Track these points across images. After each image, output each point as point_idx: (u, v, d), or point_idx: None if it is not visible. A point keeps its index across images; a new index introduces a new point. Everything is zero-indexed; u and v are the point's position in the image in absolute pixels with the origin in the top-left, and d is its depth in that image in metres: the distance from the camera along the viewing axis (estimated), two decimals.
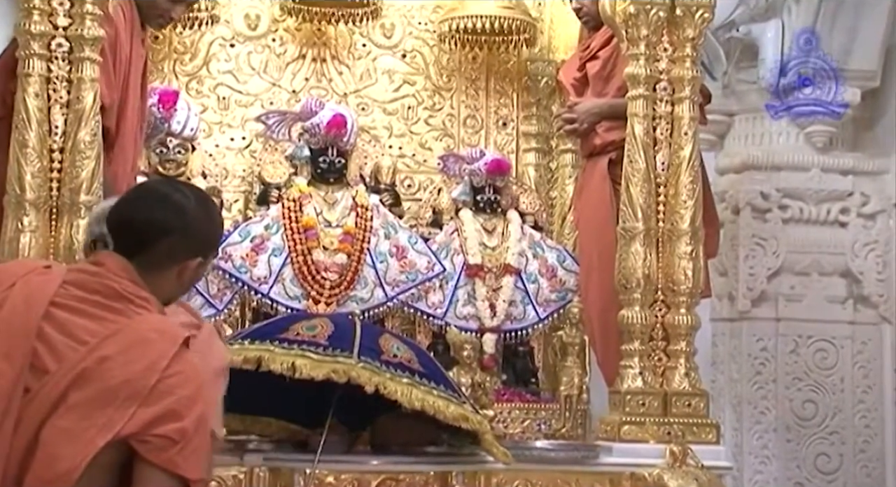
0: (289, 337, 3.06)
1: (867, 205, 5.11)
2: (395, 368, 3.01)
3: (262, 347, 3.01)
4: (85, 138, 3.45)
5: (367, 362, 2.97)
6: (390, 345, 3.10)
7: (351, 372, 2.93)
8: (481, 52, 4.76)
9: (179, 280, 2.23)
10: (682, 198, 3.87)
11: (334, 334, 3.06)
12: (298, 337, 3.05)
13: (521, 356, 4.50)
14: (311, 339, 3.04)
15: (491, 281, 4.41)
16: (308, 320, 3.19)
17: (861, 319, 5.09)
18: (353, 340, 3.05)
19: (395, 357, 3.05)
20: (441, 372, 3.17)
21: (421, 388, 2.99)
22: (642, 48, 3.88)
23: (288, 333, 3.07)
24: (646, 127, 3.88)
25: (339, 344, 3.02)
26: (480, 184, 4.47)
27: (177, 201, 2.21)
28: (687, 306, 3.85)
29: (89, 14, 3.50)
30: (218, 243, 2.39)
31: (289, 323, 3.16)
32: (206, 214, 2.26)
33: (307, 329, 3.09)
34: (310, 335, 3.06)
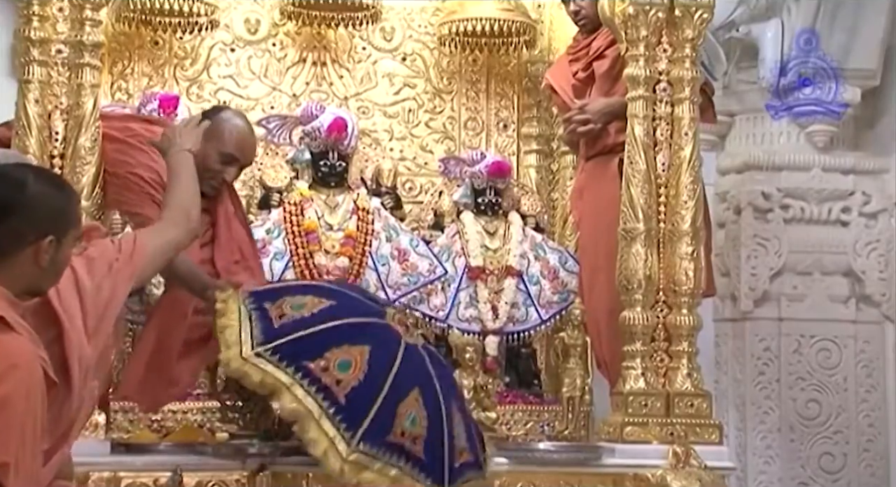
0: (315, 372, 3.01)
1: (868, 204, 5.11)
2: (392, 454, 3.02)
3: (284, 377, 3.00)
4: (85, 144, 3.46)
5: (362, 452, 2.99)
6: (407, 415, 3.06)
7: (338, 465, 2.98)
8: (481, 54, 4.76)
9: (37, 264, 2.17)
10: (682, 199, 3.86)
11: (360, 387, 3.01)
12: (325, 376, 3.01)
13: (523, 358, 4.50)
14: (333, 386, 3.00)
15: (493, 283, 4.41)
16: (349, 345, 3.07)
17: (863, 318, 5.08)
18: (372, 405, 3.02)
19: (402, 435, 3.04)
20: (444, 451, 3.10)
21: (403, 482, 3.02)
22: (641, 49, 3.88)
23: (318, 363, 3.02)
24: (646, 128, 3.88)
25: (354, 407, 3.00)
26: (481, 186, 4.47)
27: (13, 177, 2.13)
28: (689, 306, 3.85)
29: (89, 20, 3.51)
30: (72, 220, 2.25)
31: (329, 344, 3.06)
32: (49, 189, 2.18)
33: (340, 367, 3.03)
34: (337, 376, 3.02)
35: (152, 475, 3.40)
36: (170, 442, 3.71)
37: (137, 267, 2.49)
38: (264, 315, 3.15)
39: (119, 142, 3.48)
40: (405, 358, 3.14)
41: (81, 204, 3.34)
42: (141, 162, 3.42)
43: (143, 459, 3.46)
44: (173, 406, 3.95)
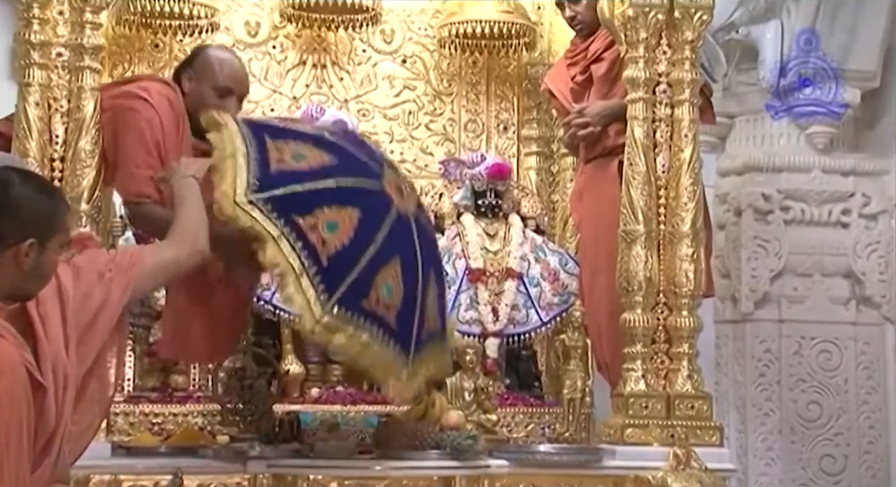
0: (303, 229, 3.02)
1: (868, 205, 5.11)
2: (366, 320, 3.06)
3: (272, 229, 3.00)
4: (85, 147, 3.46)
5: (335, 316, 3.01)
6: (384, 284, 3.10)
7: (310, 325, 3.01)
8: (481, 56, 4.77)
9: (18, 267, 2.17)
10: (682, 201, 3.86)
11: (343, 251, 3.04)
12: (313, 233, 3.02)
13: (523, 360, 4.49)
14: (318, 247, 3.02)
15: (493, 285, 4.41)
16: (340, 207, 3.09)
17: (864, 320, 5.08)
18: (352, 270, 3.04)
19: (377, 303, 3.08)
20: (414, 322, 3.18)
21: (371, 348, 3.08)
22: (641, 51, 3.88)
23: (308, 220, 3.03)
24: (646, 129, 3.87)
25: (334, 270, 3.02)
26: (482, 188, 4.47)
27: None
28: (689, 308, 3.84)
29: (89, 23, 3.51)
30: (56, 226, 2.24)
31: (321, 203, 3.07)
32: (34, 193, 2.18)
33: (328, 227, 3.05)
34: (324, 236, 3.03)
35: (153, 478, 3.40)
36: (170, 445, 3.71)
37: (133, 278, 2.46)
38: (262, 154, 3.12)
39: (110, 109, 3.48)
40: (392, 227, 3.18)
41: (79, 208, 3.38)
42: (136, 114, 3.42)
43: (143, 462, 3.46)
44: (174, 408, 3.95)
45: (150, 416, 3.94)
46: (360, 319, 3.07)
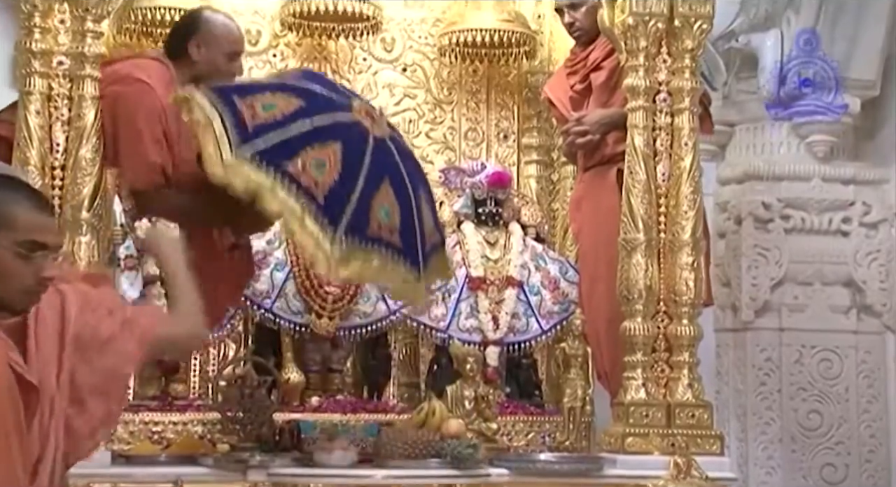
0: (294, 174, 3.15)
1: (869, 214, 5.11)
2: (373, 244, 3.24)
3: (265, 180, 3.13)
4: (86, 155, 3.47)
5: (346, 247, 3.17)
6: (381, 208, 3.27)
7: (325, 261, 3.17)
8: (482, 65, 4.77)
9: None
10: (682, 209, 3.87)
11: (336, 185, 3.19)
12: (304, 176, 3.16)
13: (524, 368, 4.49)
14: (312, 187, 3.16)
15: (493, 293, 4.41)
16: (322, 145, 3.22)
17: (864, 328, 5.08)
18: (349, 202, 3.20)
19: (378, 227, 3.26)
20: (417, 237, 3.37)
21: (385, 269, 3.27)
22: (641, 60, 3.89)
23: (296, 165, 3.16)
24: (646, 138, 3.88)
25: (333, 205, 3.17)
26: (482, 196, 4.47)
27: None
28: (689, 317, 3.85)
29: (90, 32, 3.52)
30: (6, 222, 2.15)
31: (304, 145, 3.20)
32: None
33: (316, 167, 3.19)
34: (314, 176, 3.17)
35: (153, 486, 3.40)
36: (170, 454, 3.71)
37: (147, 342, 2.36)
38: (235, 115, 3.24)
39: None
40: (374, 153, 3.32)
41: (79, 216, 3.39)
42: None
43: (143, 471, 3.46)
44: (174, 417, 3.95)
45: (149, 425, 3.93)
46: (367, 245, 3.23)
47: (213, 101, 3.27)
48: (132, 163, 3.48)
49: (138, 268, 4.05)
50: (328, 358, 4.29)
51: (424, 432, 3.73)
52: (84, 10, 3.51)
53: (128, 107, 3.48)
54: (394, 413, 4.13)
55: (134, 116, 3.47)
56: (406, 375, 4.46)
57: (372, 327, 4.27)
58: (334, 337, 4.23)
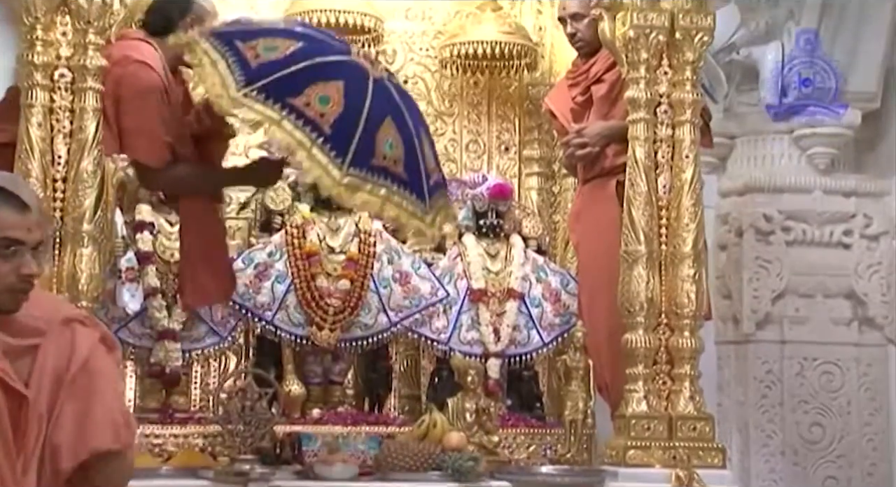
0: (299, 107, 3.28)
1: (870, 226, 5.11)
2: (379, 175, 3.35)
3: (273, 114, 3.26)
4: (87, 168, 3.47)
5: (353, 175, 3.30)
6: (385, 141, 3.38)
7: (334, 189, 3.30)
8: (483, 77, 4.78)
9: None
10: (684, 221, 3.87)
11: (341, 118, 3.30)
12: (309, 110, 3.28)
13: (525, 381, 4.48)
14: (318, 119, 3.28)
15: (494, 305, 4.40)
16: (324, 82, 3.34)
17: (866, 341, 5.07)
18: (354, 133, 3.32)
19: (384, 158, 3.37)
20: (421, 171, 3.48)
21: (392, 199, 3.38)
22: (642, 72, 3.89)
23: (301, 99, 3.29)
24: (647, 150, 3.88)
25: (339, 136, 3.30)
26: (483, 208, 4.47)
27: None
28: (690, 329, 3.84)
29: (92, 44, 3.52)
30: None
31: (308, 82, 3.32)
32: None
33: (320, 101, 3.31)
34: (319, 110, 3.29)
35: None
36: (171, 466, 3.70)
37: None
38: (238, 55, 3.36)
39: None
40: (375, 92, 3.43)
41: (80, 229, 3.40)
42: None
43: (144, 484, 3.44)
44: (174, 430, 3.94)
45: (150, 437, 3.92)
46: (374, 175, 3.35)
47: (215, 45, 3.40)
48: (144, 142, 3.59)
49: (139, 280, 4.05)
50: (329, 370, 4.28)
51: (426, 445, 3.72)
52: (86, 22, 3.52)
53: (132, 88, 3.57)
54: (395, 425, 4.13)
55: (140, 96, 3.58)
56: (407, 387, 4.46)
57: (373, 339, 4.26)
58: (335, 349, 4.23)
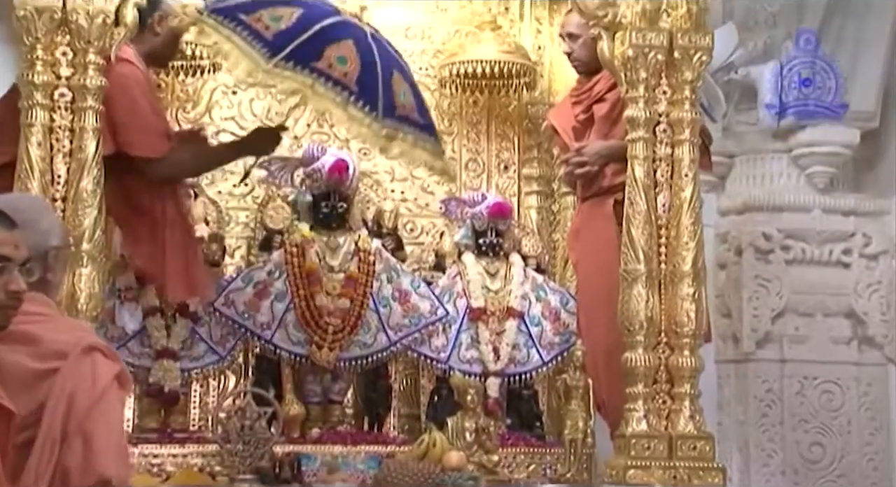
0: (325, 69, 3.53)
1: (869, 245, 5.11)
2: (403, 123, 3.66)
3: (305, 79, 3.52)
4: (87, 187, 3.47)
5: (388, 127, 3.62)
6: (400, 92, 3.67)
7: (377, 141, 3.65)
8: (482, 96, 4.78)
9: None
10: (683, 240, 3.87)
11: (362, 75, 3.57)
12: (333, 71, 3.53)
13: (525, 400, 4.47)
14: (342, 79, 3.54)
15: (494, 324, 4.40)
16: (337, 43, 3.59)
17: (866, 360, 5.07)
18: (377, 88, 3.59)
19: (403, 108, 3.68)
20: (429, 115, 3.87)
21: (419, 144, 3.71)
22: (641, 91, 3.90)
23: (323, 61, 3.53)
24: (646, 169, 3.89)
25: (366, 92, 3.57)
26: (482, 227, 4.46)
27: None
28: (690, 348, 3.84)
29: (92, 64, 3.53)
30: None
31: (323, 45, 3.56)
32: None
33: (339, 61, 3.55)
34: (342, 70, 3.55)
35: None
36: (170, 486, 3.68)
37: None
38: (250, 29, 3.56)
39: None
40: (377, 47, 3.71)
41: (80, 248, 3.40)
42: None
43: None
44: (173, 449, 3.93)
45: (149, 457, 3.91)
46: (401, 124, 3.64)
47: (221, 21, 3.57)
48: (143, 136, 3.67)
49: (138, 300, 4.04)
50: (328, 389, 4.27)
51: (425, 464, 3.71)
52: (86, 42, 3.53)
53: (123, 85, 3.61)
54: (394, 444, 4.12)
55: (132, 92, 3.64)
56: (407, 406, 4.45)
57: (372, 358, 4.25)
58: (335, 368, 4.22)
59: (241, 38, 3.54)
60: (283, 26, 3.56)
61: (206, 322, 4.14)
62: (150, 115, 3.71)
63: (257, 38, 3.54)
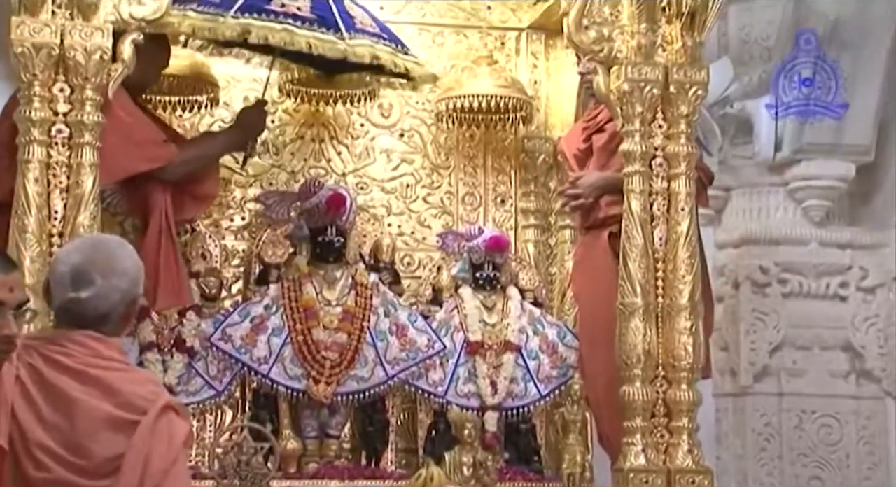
0: (277, 9, 3.79)
1: (866, 278, 5.12)
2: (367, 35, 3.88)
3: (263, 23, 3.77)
4: (84, 222, 3.47)
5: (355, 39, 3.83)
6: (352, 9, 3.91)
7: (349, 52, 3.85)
8: (478, 130, 4.79)
9: None
10: (680, 273, 3.87)
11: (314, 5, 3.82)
12: (286, 9, 3.80)
13: (523, 434, 4.45)
14: (298, 13, 3.79)
15: (492, 358, 4.39)
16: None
17: (864, 394, 5.06)
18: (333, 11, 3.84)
19: (362, 23, 3.90)
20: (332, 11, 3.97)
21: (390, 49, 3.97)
22: (637, 125, 3.92)
23: (273, 3, 3.80)
24: (643, 202, 3.89)
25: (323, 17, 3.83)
26: (479, 260, 4.47)
27: None
28: (688, 382, 3.83)
29: (89, 100, 3.54)
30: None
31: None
32: None
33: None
34: (293, 4, 3.79)
35: None
36: None
37: None
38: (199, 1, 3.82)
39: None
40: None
41: None
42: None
43: None
44: None
45: None
46: (269, 15, 3.79)
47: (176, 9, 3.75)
48: (146, 149, 3.78)
49: (135, 335, 4.04)
50: (326, 423, 4.26)
51: None
52: (83, 78, 3.54)
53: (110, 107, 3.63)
54: (392, 479, 4.10)
55: (122, 111, 3.68)
56: (404, 441, 4.43)
57: (369, 392, 4.24)
58: (332, 402, 4.21)
59: (194, 11, 3.76)
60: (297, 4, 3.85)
61: (203, 357, 4.13)
62: (147, 128, 3.82)
63: (206, 3, 3.80)
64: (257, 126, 4.30)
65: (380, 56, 3.94)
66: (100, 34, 3.55)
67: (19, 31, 3.50)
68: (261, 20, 3.80)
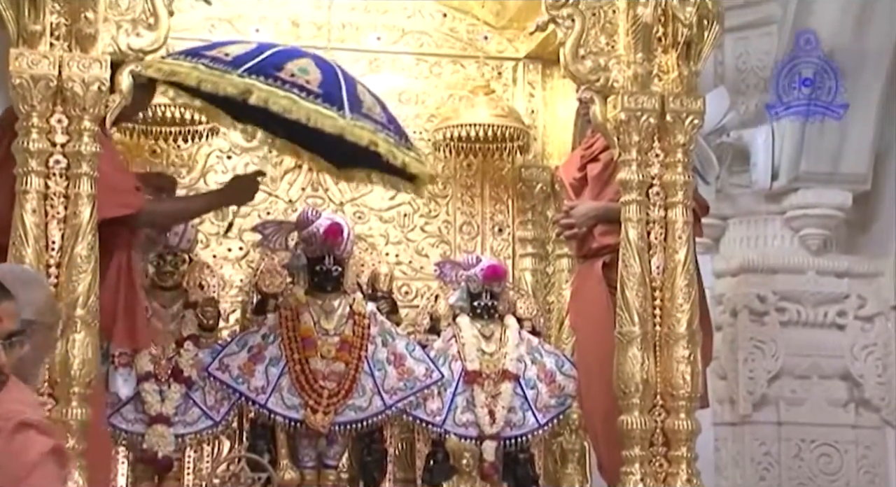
0: (286, 78, 3.65)
1: (864, 307, 5.11)
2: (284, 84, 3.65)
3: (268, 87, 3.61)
4: (81, 253, 3.46)
5: (357, 119, 3.65)
6: (364, 94, 3.79)
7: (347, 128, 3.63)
8: (476, 159, 4.81)
9: None
10: (678, 302, 3.87)
11: (324, 80, 3.69)
12: (295, 79, 3.65)
13: (521, 463, 4.43)
14: (306, 85, 3.64)
15: (490, 387, 4.38)
16: (296, 59, 3.74)
17: (863, 423, 5.04)
18: (341, 90, 3.71)
19: (370, 109, 3.77)
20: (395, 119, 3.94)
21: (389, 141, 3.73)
22: (634, 154, 3.92)
23: (283, 72, 3.66)
24: (640, 231, 3.90)
25: (330, 92, 3.67)
26: (477, 290, 4.47)
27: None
28: (686, 410, 3.82)
29: (87, 131, 3.54)
30: None
31: (282, 61, 3.70)
32: None
33: (300, 71, 3.68)
34: (303, 77, 3.66)
35: None
36: None
37: None
38: (209, 57, 3.70)
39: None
40: (302, 50, 3.90)
41: (74, 314, 3.38)
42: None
43: None
44: None
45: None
46: (275, 82, 3.64)
47: (179, 59, 3.72)
48: (119, 196, 3.65)
49: (132, 365, 4.04)
50: (323, 453, 4.25)
51: None
52: (81, 109, 3.54)
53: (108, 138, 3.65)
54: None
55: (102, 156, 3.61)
56: (402, 471, 4.42)
57: (367, 422, 4.23)
58: (330, 432, 4.19)
59: (204, 66, 3.68)
60: (241, 51, 3.74)
61: (201, 387, 4.12)
62: (120, 176, 3.71)
63: (217, 61, 3.70)
64: (246, 195, 4.15)
65: (378, 143, 3.68)
66: (98, 65, 3.56)
67: (17, 63, 3.51)
68: (266, 84, 3.64)
